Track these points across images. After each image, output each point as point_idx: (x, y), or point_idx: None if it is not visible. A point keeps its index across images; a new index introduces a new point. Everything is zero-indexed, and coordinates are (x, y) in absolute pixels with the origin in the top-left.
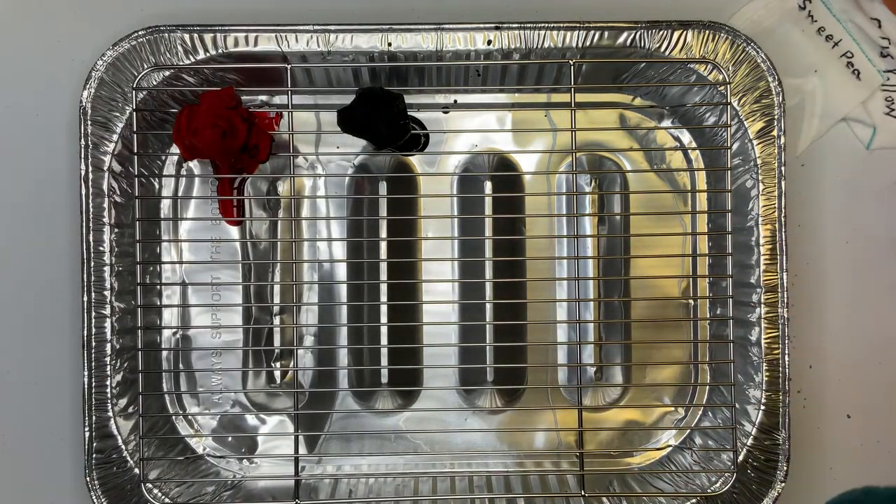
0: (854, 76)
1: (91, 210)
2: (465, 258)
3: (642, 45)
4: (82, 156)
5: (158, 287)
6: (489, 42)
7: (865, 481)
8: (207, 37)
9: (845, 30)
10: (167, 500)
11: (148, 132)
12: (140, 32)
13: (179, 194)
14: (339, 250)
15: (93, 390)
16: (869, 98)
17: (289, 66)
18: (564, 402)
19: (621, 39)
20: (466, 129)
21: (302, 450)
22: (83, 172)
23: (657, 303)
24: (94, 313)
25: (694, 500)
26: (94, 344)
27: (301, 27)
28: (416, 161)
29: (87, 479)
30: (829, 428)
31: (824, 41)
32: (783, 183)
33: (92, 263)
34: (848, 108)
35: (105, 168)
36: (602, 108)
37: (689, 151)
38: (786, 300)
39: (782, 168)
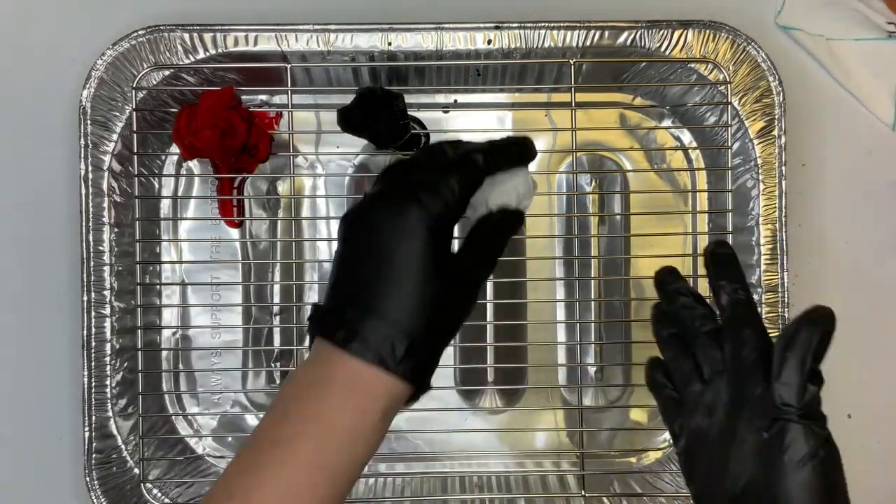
0: None
1: (91, 210)
2: None
3: (642, 44)
4: (82, 155)
5: (158, 287)
6: (489, 42)
7: (865, 481)
8: (207, 36)
9: None
10: (167, 500)
11: (148, 132)
12: (140, 32)
13: (179, 194)
14: None
15: (92, 390)
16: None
17: (289, 66)
18: (564, 402)
19: (621, 39)
20: (466, 129)
21: None
22: (83, 172)
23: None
24: (93, 313)
25: None
26: (93, 344)
27: (301, 27)
28: None
29: (87, 479)
30: (830, 428)
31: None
32: (783, 183)
33: (92, 263)
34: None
35: (105, 168)
36: (602, 107)
37: (690, 151)
38: (786, 300)
39: (782, 168)
